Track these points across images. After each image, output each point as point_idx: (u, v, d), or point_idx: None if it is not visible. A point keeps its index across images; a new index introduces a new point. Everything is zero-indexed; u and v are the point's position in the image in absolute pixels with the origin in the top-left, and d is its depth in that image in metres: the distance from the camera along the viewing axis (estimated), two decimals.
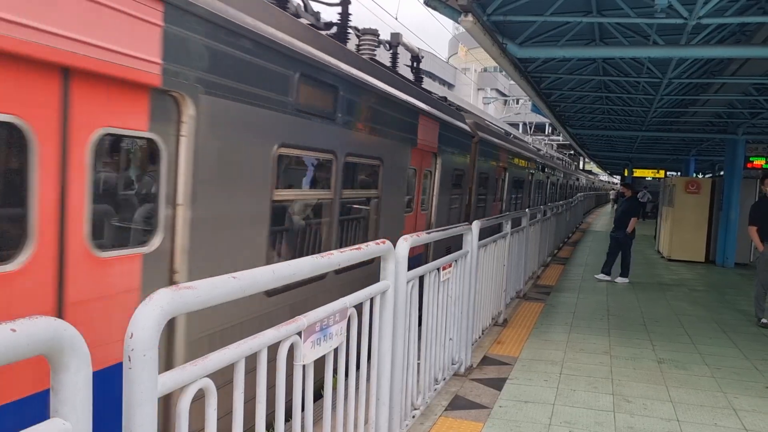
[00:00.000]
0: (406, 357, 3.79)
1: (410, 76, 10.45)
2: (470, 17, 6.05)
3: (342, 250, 2.83)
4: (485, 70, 63.06)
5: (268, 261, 4.31)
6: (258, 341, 2.10)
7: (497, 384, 5.31)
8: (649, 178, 34.97)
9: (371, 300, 3.23)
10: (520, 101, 48.26)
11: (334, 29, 6.61)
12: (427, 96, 8.61)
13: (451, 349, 5.09)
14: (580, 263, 14.29)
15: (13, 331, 1.14)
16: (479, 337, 6.42)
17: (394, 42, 9.03)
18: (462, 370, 5.44)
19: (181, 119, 3.34)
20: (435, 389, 4.74)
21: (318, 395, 3.10)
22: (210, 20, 3.38)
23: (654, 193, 32.35)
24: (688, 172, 26.63)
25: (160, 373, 1.59)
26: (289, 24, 4.42)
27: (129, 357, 1.49)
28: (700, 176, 28.56)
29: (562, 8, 7.15)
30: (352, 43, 7.05)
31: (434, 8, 6.50)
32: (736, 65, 9.35)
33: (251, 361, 2.07)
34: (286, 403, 2.35)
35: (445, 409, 4.63)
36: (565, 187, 31.49)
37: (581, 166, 51.68)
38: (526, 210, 9.24)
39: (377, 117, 6.38)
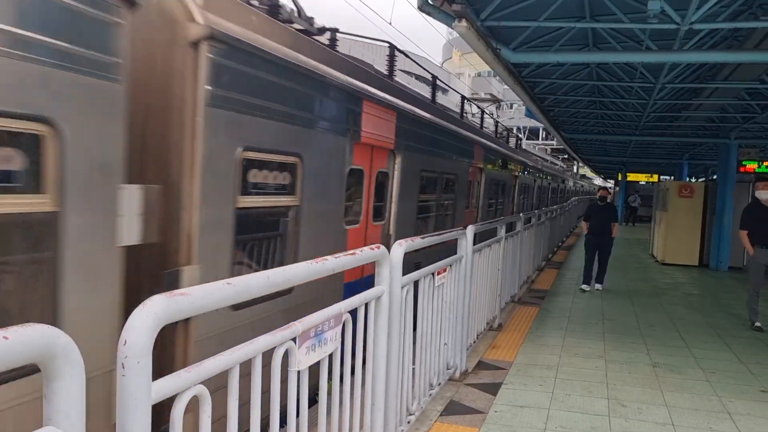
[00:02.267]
0: (401, 362, 3.79)
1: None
2: (464, 22, 6.06)
3: (336, 255, 2.82)
4: (479, 74, 63.19)
5: None
6: (253, 347, 2.09)
7: (492, 389, 5.30)
8: (642, 182, 35.10)
9: (366, 305, 3.22)
10: (514, 106, 48.38)
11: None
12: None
13: (446, 353, 5.08)
14: (574, 267, 14.31)
15: (6, 338, 1.14)
16: (474, 342, 6.42)
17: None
18: (457, 374, 5.44)
19: None
20: (430, 394, 4.73)
21: (313, 401, 3.09)
22: None
23: (646, 197, 32.48)
24: (682, 176, 26.74)
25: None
26: None
27: (123, 364, 1.48)
28: (694, 180, 28.70)
29: (556, 13, 7.18)
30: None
31: (428, 13, 6.51)
32: (728, 70, 9.41)
33: (245, 366, 2.07)
34: (280, 408, 2.34)
35: (441, 415, 4.62)
36: (557, 192, 31.34)
37: (575, 171, 51.84)
38: (520, 214, 9.25)
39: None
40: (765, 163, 16.25)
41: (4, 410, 2.55)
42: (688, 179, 27.60)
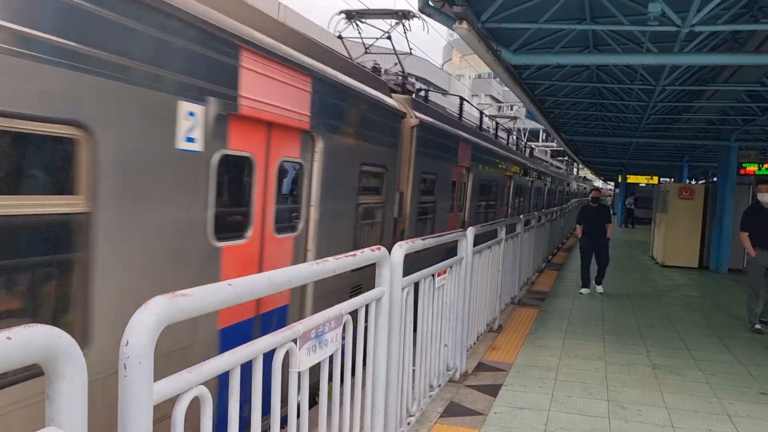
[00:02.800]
0: (402, 363, 3.79)
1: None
2: (465, 24, 6.07)
3: (337, 257, 2.83)
4: (479, 76, 63.21)
5: None
6: (253, 348, 2.09)
7: (492, 390, 5.30)
8: (642, 184, 35.10)
9: (366, 306, 3.23)
10: (515, 107, 48.38)
11: None
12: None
13: (446, 355, 5.09)
14: (574, 269, 14.29)
15: (9, 339, 1.14)
16: (474, 343, 6.42)
17: None
18: (457, 376, 5.44)
19: None
20: (430, 396, 4.73)
21: (313, 402, 3.10)
22: None
23: (645, 198, 32.48)
24: (682, 178, 26.75)
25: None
26: None
27: (125, 365, 1.48)
28: (694, 182, 28.70)
29: (556, 15, 7.19)
30: None
31: (429, 15, 6.53)
32: (728, 72, 9.42)
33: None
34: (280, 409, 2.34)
35: (441, 416, 4.62)
36: (554, 194, 31.62)
37: (576, 173, 51.85)
38: (521, 216, 9.26)
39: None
40: (765, 166, 16.28)
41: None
42: (688, 181, 27.60)
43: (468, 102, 16.37)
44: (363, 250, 3.17)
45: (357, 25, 9.43)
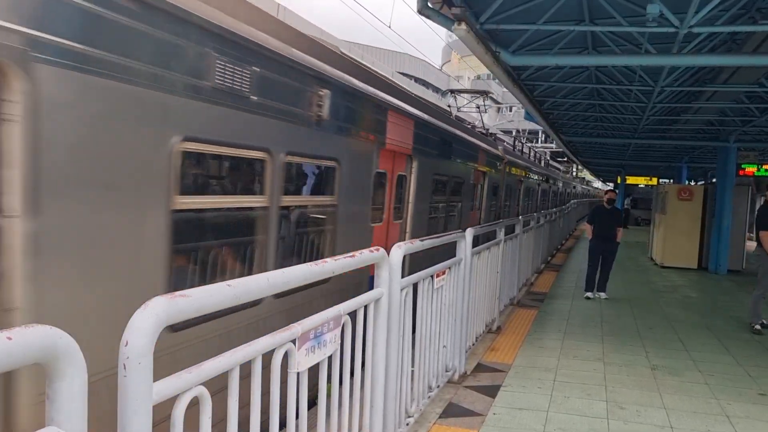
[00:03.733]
0: (400, 364, 3.79)
1: None
2: (463, 26, 6.08)
3: (336, 257, 2.83)
4: (478, 77, 63.25)
5: None
6: (252, 349, 2.10)
7: (491, 391, 5.31)
8: (641, 185, 35.13)
9: (365, 307, 3.23)
10: (514, 109, 48.45)
11: None
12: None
13: (445, 356, 5.09)
14: (573, 270, 14.32)
15: (9, 339, 1.15)
16: (473, 344, 6.42)
17: None
18: (456, 377, 5.44)
19: None
20: (429, 396, 4.74)
21: (312, 403, 3.10)
22: None
23: (643, 199, 32.50)
24: (681, 179, 26.78)
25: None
26: None
27: (124, 365, 1.49)
28: (693, 183, 28.73)
29: (555, 17, 7.20)
30: None
31: (428, 17, 6.54)
32: (727, 74, 9.44)
33: (245, 368, 2.08)
34: (279, 410, 2.35)
35: (439, 417, 4.63)
36: (566, 195, 32.51)
37: (575, 174, 51.90)
38: (519, 217, 9.27)
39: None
40: (764, 166, 16.31)
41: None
42: (687, 182, 27.63)
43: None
44: (362, 251, 3.17)
45: (455, 98, 17.21)
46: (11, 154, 2.46)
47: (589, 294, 10.61)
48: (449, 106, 16.14)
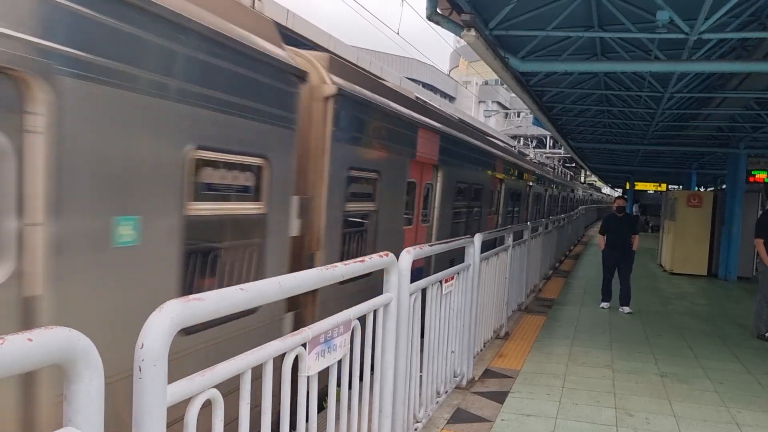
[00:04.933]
0: (409, 369, 3.80)
1: None
2: (472, 32, 6.10)
3: (346, 262, 2.85)
4: (486, 83, 63.28)
5: None
6: (264, 352, 2.12)
7: (499, 397, 5.31)
8: (650, 191, 34.97)
9: (374, 312, 3.25)
10: (522, 114, 48.40)
11: None
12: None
13: (453, 361, 5.09)
14: (581, 276, 14.28)
15: (30, 340, 1.17)
16: (481, 350, 6.42)
17: None
18: (464, 382, 5.44)
19: None
20: (437, 402, 4.74)
21: (320, 407, 3.12)
22: None
23: (654, 206, 32.35)
24: (690, 185, 26.65)
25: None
26: None
27: (140, 367, 1.51)
28: (702, 190, 28.59)
29: (564, 23, 7.21)
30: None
31: (437, 23, 6.56)
32: (737, 80, 9.41)
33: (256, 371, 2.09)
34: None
35: (447, 422, 4.62)
36: (576, 201, 33.63)
37: (584, 180, 51.79)
38: (528, 224, 9.26)
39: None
40: None
41: None
42: (696, 189, 27.49)
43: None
44: (371, 256, 3.19)
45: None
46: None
47: (603, 305, 10.13)
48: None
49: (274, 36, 4.52)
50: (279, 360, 2.25)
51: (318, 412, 2.68)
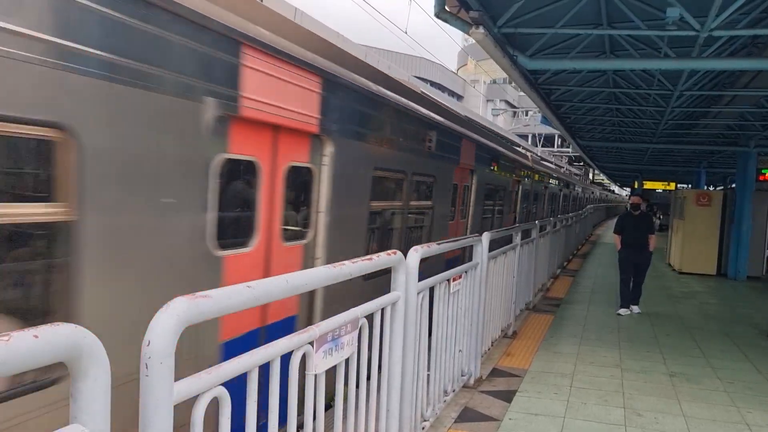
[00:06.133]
0: (416, 368, 3.79)
1: None
2: (481, 29, 6.08)
3: (354, 260, 2.84)
4: (494, 81, 63.12)
5: None
6: (271, 350, 2.11)
7: (507, 396, 5.28)
8: (659, 190, 34.76)
9: (382, 311, 3.23)
10: (530, 113, 48.25)
11: None
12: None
13: (461, 360, 5.07)
14: (589, 275, 14.22)
15: (36, 337, 1.16)
16: (489, 349, 6.40)
17: None
18: (471, 381, 5.42)
19: None
20: (444, 401, 4.72)
21: (327, 406, 3.11)
22: None
23: (662, 205, 32.13)
24: (699, 184, 26.47)
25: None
26: None
27: (146, 365, 1.50)
28: (711, 189, 28.40)
29: (573, 20, 7.16)
30: None
31: (445, 20, 6.54)
32: (747, 77, 9.32)
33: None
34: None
35: (455, 421, 4.61)
36: (587, 199, 34.57)
37: (591, 178, 51.58)
38: (536, 222, 9.22)
39: None
40: None
41: None
42: (705, 187, 27.31)
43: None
44: (379, 254, 3.17)
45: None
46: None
47: (621, 311, 9.57)
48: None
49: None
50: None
51: (325, 411, 2.67)
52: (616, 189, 71.20)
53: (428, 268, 4.06)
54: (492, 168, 11.56)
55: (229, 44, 3.48)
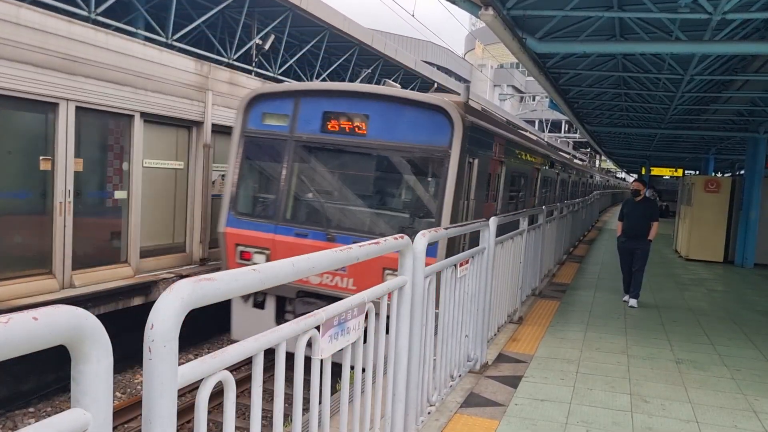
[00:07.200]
0: (423, 353, 3.77)
1: None
2: (490, 11, 5.99)
3: (361, 244, 2.80)
4: (501, 66, 62.70)
5: None
6: (277, 335, 2.08)
7: (513, 382, 5.27)
8: (666, 177, 34.57)
9: (389, 295, 3.21)
10: (537, 98, 47.93)
11: None
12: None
13: (467, 345, 5.06)
14: (596, 261, 14.17)
15: (35, 319, 1.13)
16: (495, 335, 6.38)
17: None
18: (477, 367, 5.41)
19: None
20: (450, 386, 4.71)
21: (333, 390, 3.09)
22: None
23: (670, 191, 31.95)
24: (707, 170, 26.29)
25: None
26: None
27: (149, 348, 1.48)
28: (720, 175, 28.20)
29: (583, 3, 7.06)
30: None
31: (453, 2, 6.45)
32: (759, 62, 9.19)
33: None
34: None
35: (461, 406, 4.60)
36: (595, 186, 36.09)
37: (598, 164, 51.36)
38: (543, 207, 9.17)
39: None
40: None
41: None
42: (714, 174, 27.12)
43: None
44: (386, 238, 3.14)
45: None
46: None
47: (626, 298, 9.35)
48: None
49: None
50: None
51: (331, 395, 2.65)
52: (623, 175, 70.86)
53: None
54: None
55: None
